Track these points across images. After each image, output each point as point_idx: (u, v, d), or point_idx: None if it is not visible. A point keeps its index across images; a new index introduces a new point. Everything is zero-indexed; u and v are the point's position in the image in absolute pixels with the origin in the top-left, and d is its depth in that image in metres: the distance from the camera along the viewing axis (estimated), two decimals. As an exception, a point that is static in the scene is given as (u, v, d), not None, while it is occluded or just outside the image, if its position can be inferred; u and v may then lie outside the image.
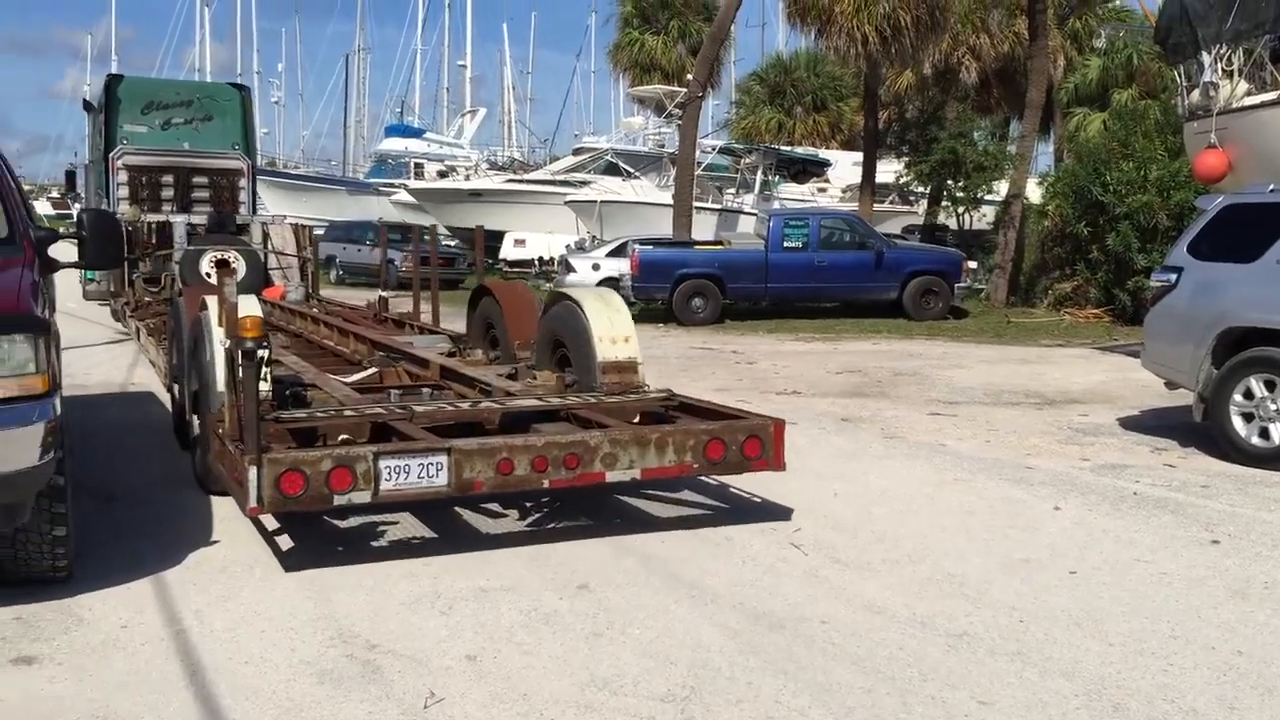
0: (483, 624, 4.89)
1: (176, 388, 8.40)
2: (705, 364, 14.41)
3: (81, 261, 6.11)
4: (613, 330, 6.98)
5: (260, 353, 5.23)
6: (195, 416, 7.03)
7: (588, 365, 6.99)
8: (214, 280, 13.62)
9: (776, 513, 6.77)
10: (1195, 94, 14.06)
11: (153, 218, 15.02)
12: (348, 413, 6.21)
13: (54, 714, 4.04)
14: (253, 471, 5.11)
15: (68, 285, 15.85)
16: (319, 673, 4.36)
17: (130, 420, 9.91)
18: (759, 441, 6.14)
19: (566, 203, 31.41)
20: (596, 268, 23.51)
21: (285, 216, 16.92)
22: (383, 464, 5.34)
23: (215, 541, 6.08)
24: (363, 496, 5.33)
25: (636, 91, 37.63)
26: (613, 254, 23.83)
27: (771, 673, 4.38)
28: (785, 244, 20.85)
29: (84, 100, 20.30)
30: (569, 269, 24.06)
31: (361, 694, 4.18)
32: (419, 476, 5.42)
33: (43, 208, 56.04)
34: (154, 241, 15.04)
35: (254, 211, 16.26)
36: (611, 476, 5.85)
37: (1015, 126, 30.90)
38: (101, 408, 10.37)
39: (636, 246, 21.34)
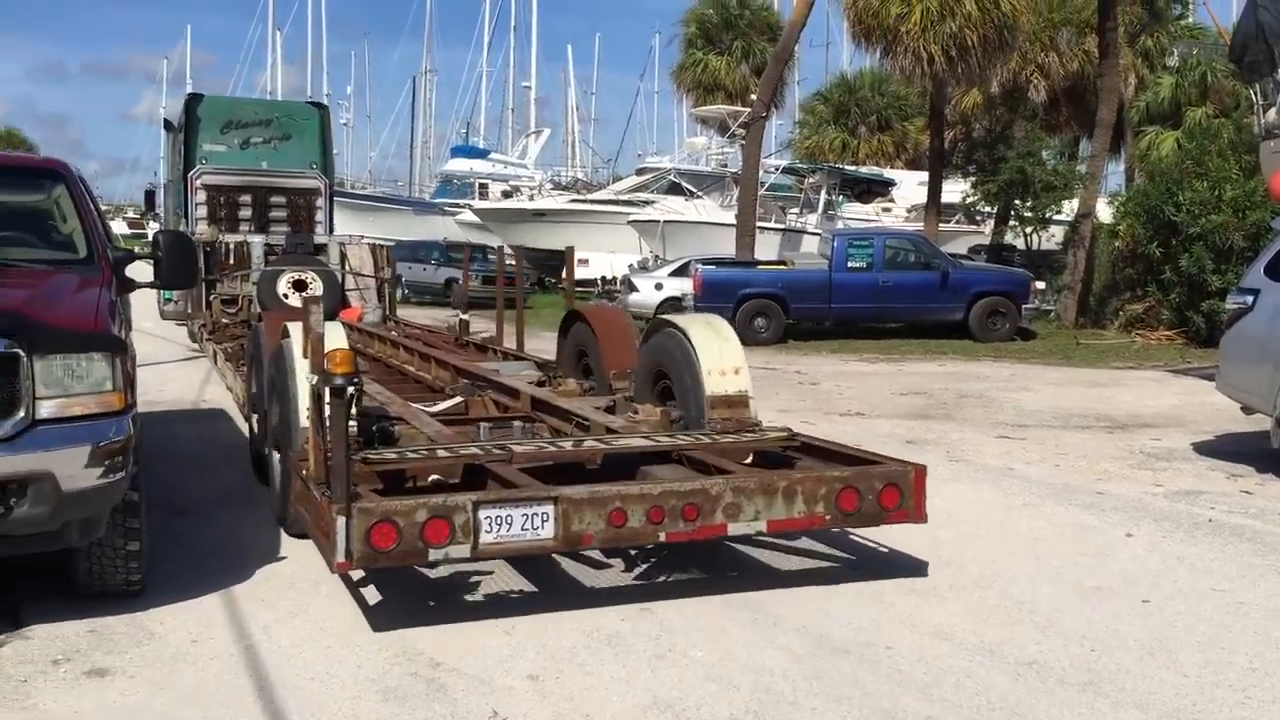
0: (544, 644, 4.90)
1: (255, 418, 7.92)
2: (768, 384, 14.35)
3: (157, 281, 6.24)
4: (722, 361, 6.36)
5: (350, 390, 4.74)
6: (275, 452, 6.58)
7: (695, 399, 6.36)
8: (292, 302, 13.55)
9: (834, 536, 6.70)
10: (1271, 113, 13.74)
11: (230, 238, 14.97)
12: (441, 453, 5.68)
13: (126, 726, 4.11)
14: (341, 523, 4.67)
15: (145, 304, 16.22)
16: (384, 690, 4.40)
17: (201, 436, 10.09)
18: (897, 490, 5.55)
19: (629, 222, 31.54)
20: (659, 287, 23.55)
21: (363, 236, 16.68)
22: (483, 514, 4.87)
23: (283, 557, 6.16)
24: (461, 551, 4.87)
25: (700, 111, 37.73)
26: (675, 273, 23.86)
27: (836, 699, 4.33)
28: (849, 264, 20.73)
29: (164, 120, 20.65)
30: (632, 288, 24.13)
31: (426, 711, 4.20)
32: (522, 528, 4.94)
33: (119, 227, 57.45)
34: (231, 262, 14.98)
35: (331, 231, 16.10)
36: (734, 529, 5.31)
37: (1085, 145, 30.51)
38: (173, 424, 10.57)
39: (699, 266, 21.34)
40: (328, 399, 4.83)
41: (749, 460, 6.04)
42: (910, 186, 34.44)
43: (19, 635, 4.95)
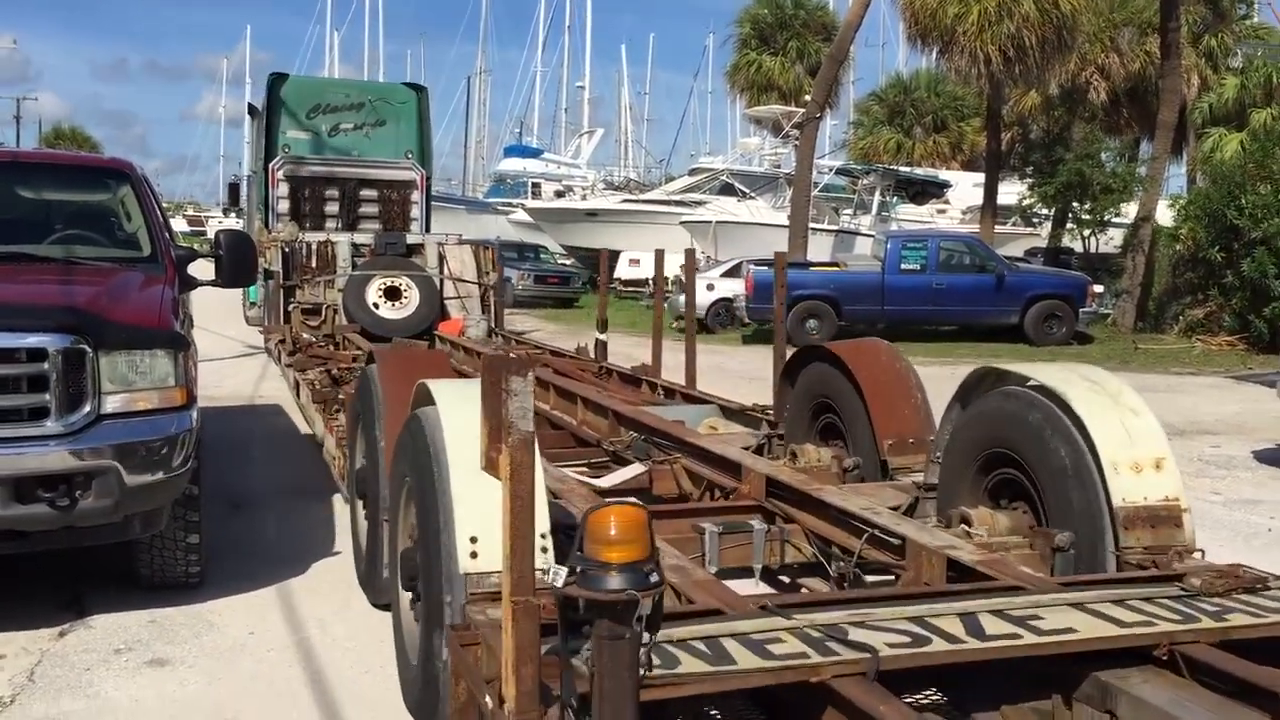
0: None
1: (362, 507, 5.42)
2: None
3: (218, 280, 6.35)
4: (1134, 447, 3.88)
5: (645, 602, 2.41)
6: (410, 597, 4.06)
7: (1086, 511, 3.85)
8: (384, 313, 11.54)
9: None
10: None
11: (312, 237, 12.90)
12: (745, 654, 2.77)
13: (184, 715, 4.20)
14: None
15: (230, 309, 16.22)
16: (435, 685, 4.44)
17: (258, 430, 10.25)
18: None
19: (682, 223, 31.52)
20: (711, 288, 23.54)
21: (461, 235, 14.34)
22: None
23: (338, 552, 6.24)
24: None
25: (753, 112, 37.64)
26: (727, 274, 23.84)
27: None
28: (903, 266, 20.60)
29: (249, 104, 18.87)
30: (683, 289, 24.13)
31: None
32: None
33: (178, 225, 58.49)
34: (314, 264, 12.76)
35: (428, 229, 13.98)
36: None
37: (1146, 147, 30.06)
38: (230, 418, 10.74)
39: (751, 267, 21.32)
40: (606, 637, 2.38)
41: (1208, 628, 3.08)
42: (965, 188, 34.14)
43: (82, 624, 5.07)
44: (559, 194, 44.37)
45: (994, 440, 4.28)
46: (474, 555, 3.34)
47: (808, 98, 27.05)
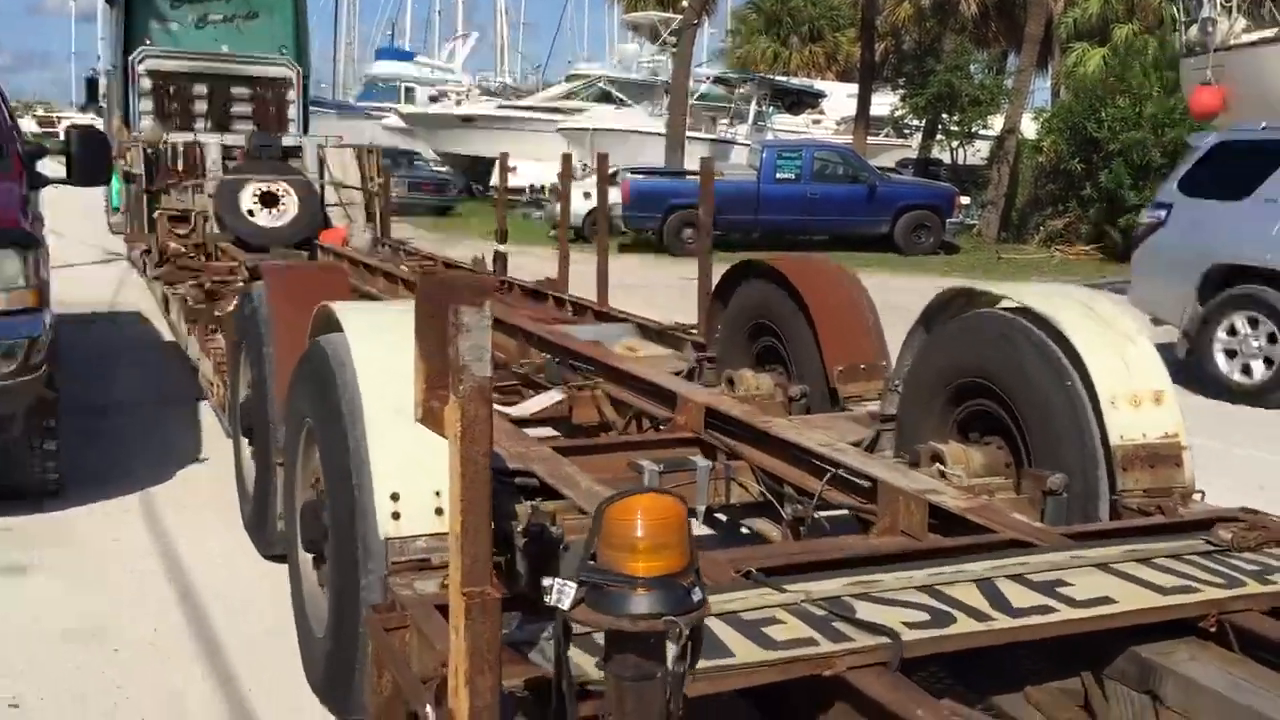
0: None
1: (249, 447, 4.88)
2: (692, 296, 14.42)
3: (70, 179, 6.07)
4: (1132, 379, 3.55)
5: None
6: (313, 559, 3.56)
7: (1079, 452, 3.51)
8: (260, 220, 10.85)
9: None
10: (1193, 30, 13.98)
11: (179, 138, 11.94)
12: (742, 657, 2.23)
13: (46, 618, 4.12)
14: None
15: (93, 215, 15.48)
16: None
17: (119, 338, 9.93)
18: None
19: (559, 130, 31.14)
20: (587, 196, 23.33)
21: (342, 137, 13.36)
22: None
23: (204, 459, 6.14)
24: None
25: (631, 18, 37.22)
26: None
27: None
28: (778, 175, 20.79)
29: None
30: (560, 197, 23.96)
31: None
32: None
33: (27, 126, 55.38)
34: (181, 168, 11.86)
35: (306, 131, 13.07)
36: None
37: (1013, 61, 30.65)
38: (90, 325, 10.37)
39: (628, 175, 21.24)
40: (630, 679, 1.90)
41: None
42: (840, 99, 34.45)
43: (-66, 534, 4.91)
44: (433, 99, 43.27)
45: (967, 369, 3.89)
46: (396, 516, 2.84)
47: (685, 4, 26.79)
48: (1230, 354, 8.49)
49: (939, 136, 29.15)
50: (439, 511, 2.79)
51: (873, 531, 3.43)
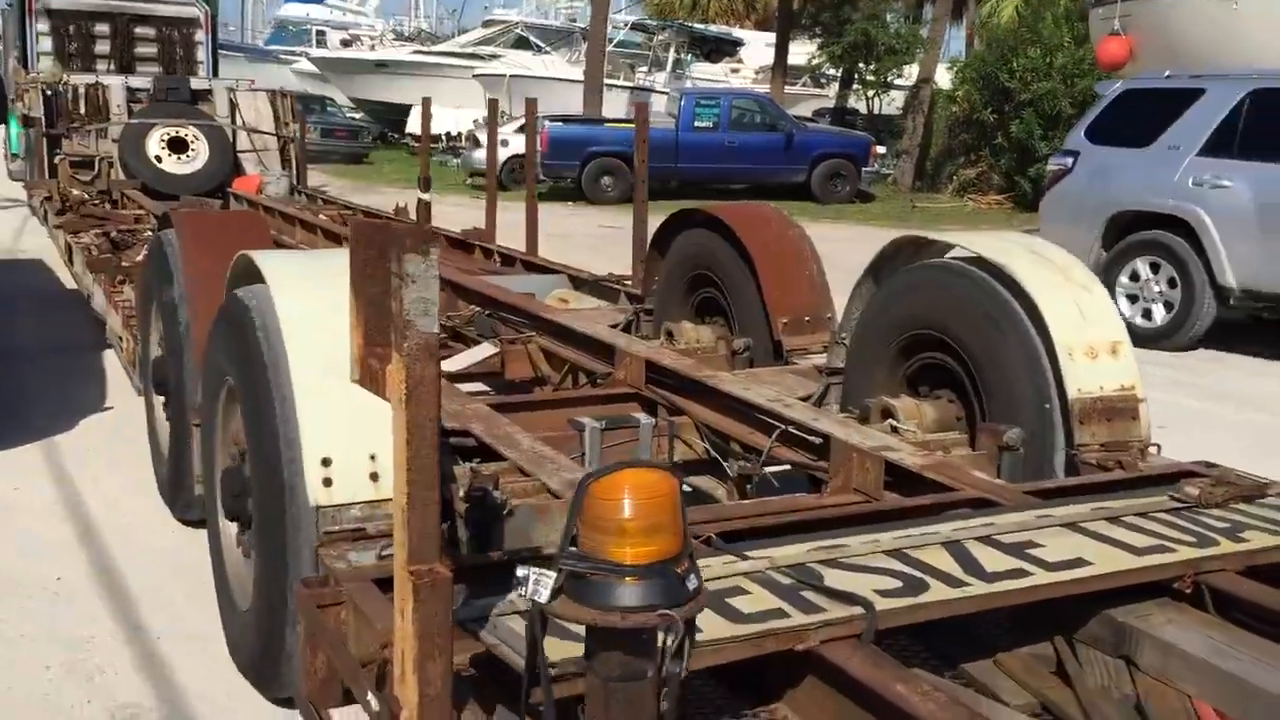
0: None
1: (162, 405, 4.57)
2: (613, 244, 14.39)
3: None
4: (1088, 330, 3.44)
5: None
6: (237, 528, 3.30)
7: (1036, 405, 3.41)
8: (168, 167, 10.59)
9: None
10: (1102, -20, 14.16)
11: (80, 79, 11.61)
12: (710, 633, 2.05)
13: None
14: None
15: None
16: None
17: (21, 284, 9.61)
18: None
19: (475, 76, 30.72)
20: (505, 144, 23.12)
21: (253, 81, 13.02)
22: None
23: (108, 408, 6.00)
24: None
25: (548, -37, 36.65)
26: (521, 130, 23.44)
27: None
28: (696, 124, 20.76)
29: None
30: (477, 145, 23.67)
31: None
32: None
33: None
34: (83, 111, 11.56)
35: (215, 74, 12.73)
36: None
37: (929, 10, 30.86)
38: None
39: (546, 123, 21.02)
40: (616, 679, 1.71)
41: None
42: (758, 48, 34.44)
43: None
44: (345, 44, 42.34)
45: (918, 321, 3.76)
46: (327, 483, 2.65)
47: (603, -51, 26.47)
48: (1132, 299, 8.73)
49: (855, 86, 29.30)
50: (374, 477, 2.65)
51: (826, 490, 3.33)
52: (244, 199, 9.82)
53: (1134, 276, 8.73)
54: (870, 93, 28.78)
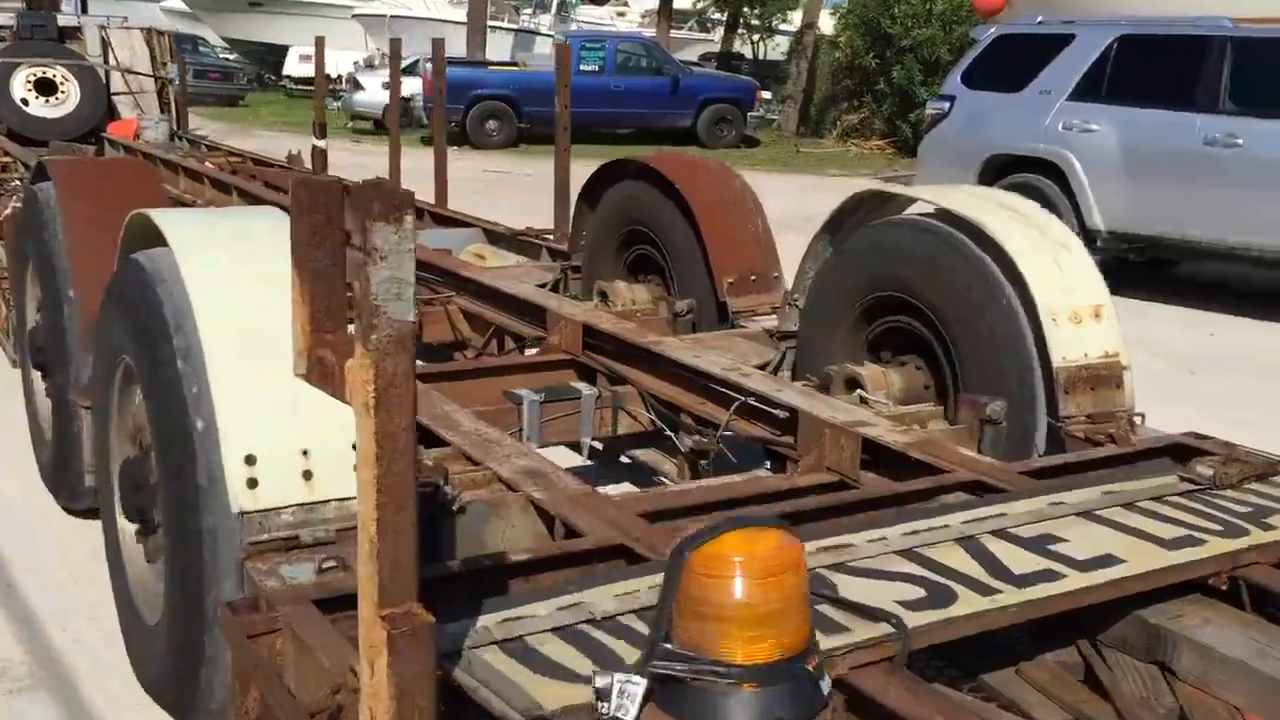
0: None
1: (43, 382, 4.11)
2: (500, 188, 14.30)
3: None
4: (1071, 293, 3.17)
5: None
6: (137, 529, 2.81)
7: (1020, 375, 3.13)
8: (36, 110, 9.91)
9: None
10: (979, -73, 14.39)
11: None
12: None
13: None
14: None
15: None
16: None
17: None
18: None
19: (354, 17, 29.97)
20: (385, 86, 22.66)
21: (126, 18, 11.96)
22: None
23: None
24: None
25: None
26: (404, 72, 22.95)
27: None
28: (581, 67, 20.55)
29: None
30: (358, 87, 23.14)
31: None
32: None
33: None
34: None
35: (85, 10, 12.14)
36: None
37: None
38: None
39: (429, 66, 20.63)
40: None
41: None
42: (645, -9, 34.24)
43: None
44: (218, -19, 40.77)
45: (882, 281, 3.43)
46: (252, 484, 2.27)
47: (484, -114, 25.90)
48: (1006, 241, 9.00)
49: (741, 31, 29.38)
50: (308, 476, 2.29)
51: (796, 471, 3.00)
52: (121, 144, 9.26)
53: (1007, 219, 9.00)
54: (755, 38, 28.92)
